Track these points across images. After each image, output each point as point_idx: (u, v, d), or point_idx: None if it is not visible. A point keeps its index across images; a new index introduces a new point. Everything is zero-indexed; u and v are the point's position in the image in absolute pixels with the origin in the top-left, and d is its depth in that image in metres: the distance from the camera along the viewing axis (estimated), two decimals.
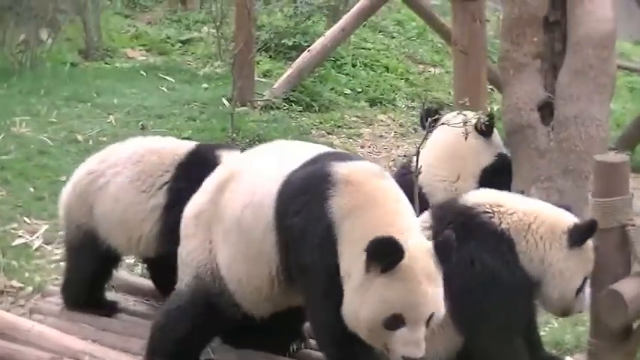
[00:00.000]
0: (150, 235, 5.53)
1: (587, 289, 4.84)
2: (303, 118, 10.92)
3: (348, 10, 11.94)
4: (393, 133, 11.09)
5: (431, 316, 4.27)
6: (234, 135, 9.54)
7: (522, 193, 7.07)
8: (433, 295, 4.26)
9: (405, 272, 4.15)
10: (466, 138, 6.74)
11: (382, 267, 4.12)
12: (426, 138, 6.96)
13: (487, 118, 6.53)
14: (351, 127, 10.95)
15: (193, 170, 5.48)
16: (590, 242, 4.99)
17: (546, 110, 7.32)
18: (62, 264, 6.55)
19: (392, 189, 4.45)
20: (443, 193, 6.96)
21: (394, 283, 4.15)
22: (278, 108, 10.99)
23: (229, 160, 5.23)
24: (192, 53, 13.36)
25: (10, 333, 5.75)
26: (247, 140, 9.66)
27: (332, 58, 12.31)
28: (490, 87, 10.79)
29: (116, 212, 5.61)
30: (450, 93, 11.67)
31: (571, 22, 7.26)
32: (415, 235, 4.33)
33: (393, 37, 14.28)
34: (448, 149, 6.68)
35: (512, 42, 7.43)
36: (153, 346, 5.00)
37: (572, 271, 4.91)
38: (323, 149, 4.82)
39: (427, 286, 4.22)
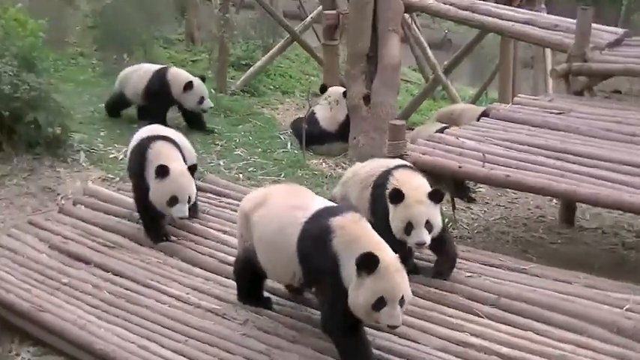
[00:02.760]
0: None
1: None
2: None
3: None
4: None
5: (402, 298, 5.27)
6: None
7: (355, 139, 10.74)
8: (401, 284, 5.24)
9: (382, 271, 5.17)
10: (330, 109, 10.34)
11: (367, 271, 5.15)
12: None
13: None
14: None
15: None
16: None
17: (367, 99, 10.77)
18: None
19: (365, 227, 5.51)
20: None
21: (378, 279, 5.17)
22: None
23: (260, 191, 6.36)
24: None
25: None
26: None
27: None
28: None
29: None
30: None
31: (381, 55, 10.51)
32: (386, 249, 5.32)
33: None
34: None
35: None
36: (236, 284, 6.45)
37: None
38: (320, 205, 5.80)
39: (398, 278, 5.24)
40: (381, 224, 6.22)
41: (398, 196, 6.29)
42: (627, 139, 8.83)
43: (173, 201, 7.21)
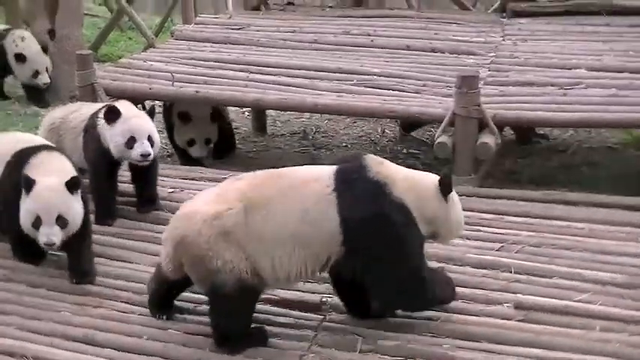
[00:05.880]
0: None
1: None
2: None
3: None
4: None
5: None
6: None
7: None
8: None
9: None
10: None
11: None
12: None
13: None
14: None
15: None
16: None
17: (52, 34, 10.46)
18: None
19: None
20: None
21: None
22: None
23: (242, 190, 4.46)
24: None
25: None
26: None
27: None
28: None
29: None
30: None
31: None
32: None
33: None
34: None
35: None
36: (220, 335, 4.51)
37: None
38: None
39: None
40: (93, 159, 6.04)
41: (113, 113, 5.86)
42: (305, 46, 9.06)
43: None
